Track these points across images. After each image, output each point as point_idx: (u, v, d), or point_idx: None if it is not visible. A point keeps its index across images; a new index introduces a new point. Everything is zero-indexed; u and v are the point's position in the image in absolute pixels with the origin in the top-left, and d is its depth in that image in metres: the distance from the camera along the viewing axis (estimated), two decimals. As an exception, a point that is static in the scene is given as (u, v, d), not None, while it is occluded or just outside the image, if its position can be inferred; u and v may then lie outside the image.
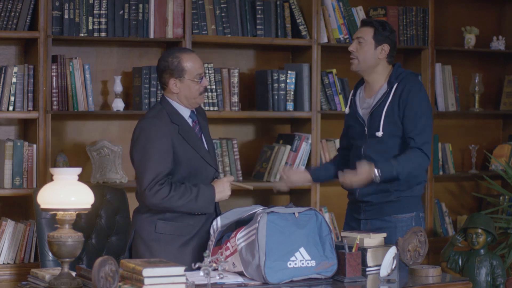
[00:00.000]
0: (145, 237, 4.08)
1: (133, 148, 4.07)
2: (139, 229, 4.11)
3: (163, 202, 3.97)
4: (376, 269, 3.90)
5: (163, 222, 4.06)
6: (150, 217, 4.08)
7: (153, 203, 3.98)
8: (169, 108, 4.12)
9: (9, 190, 5.03)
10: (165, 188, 3.96)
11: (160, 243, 4.05)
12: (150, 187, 3.95)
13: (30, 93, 5.07)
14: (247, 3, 5.57)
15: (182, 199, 3.99)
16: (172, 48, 4.22)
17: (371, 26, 4.36)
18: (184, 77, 4.08)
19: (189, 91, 4.10)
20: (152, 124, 4.04)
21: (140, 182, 3.99)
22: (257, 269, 3.66)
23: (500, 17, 6.63)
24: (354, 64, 4.36)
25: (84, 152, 5.34)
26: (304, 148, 5.64)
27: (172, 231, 4.06)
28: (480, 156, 6.51)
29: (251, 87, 5.80)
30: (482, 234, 5.04)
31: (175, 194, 3.97)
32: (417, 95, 4.28)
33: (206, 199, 4.05)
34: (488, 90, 6.52)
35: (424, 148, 4.22)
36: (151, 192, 3.95)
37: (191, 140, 4.10)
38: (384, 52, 4.34)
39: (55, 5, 5.09)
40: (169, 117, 4.08)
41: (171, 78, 4.09)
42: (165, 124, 4.04)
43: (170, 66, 4.08)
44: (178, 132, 4.07)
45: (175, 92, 4.11)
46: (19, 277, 4.90)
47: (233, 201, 5.63)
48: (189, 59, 4.10)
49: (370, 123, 4.31)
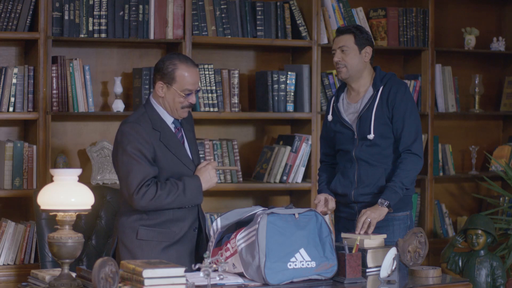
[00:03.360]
0: (127, 244, 4.04)
1: (116, 152, 4.02)
2: (122, 236, 4.07)
3: (152, 203, 3.93)
4: (376, 270, 3.90)
5: (145, 228, 4.02)
6: (132, 223, 4.04)
7: (142, 205, 3.94)
8: (152, 112, 4.06)
9: (9, 191, 5.03)
10: (151, 188, 3.93)
11: (143, 249, 4.02)
12: (137, 190, 3.92)
13: (30, 94, 5.07)
14: (247, 4, 5.57)
15: (170, 196, 3.96)
16: (177, 53, 4.16)
17: (350, 33, 4.39)
18: (172, 86, 4.03)
19: (172, 101, 4.05)
20: (133, 129, 3.98)
21: (128, 186, 3.94)
22: (257, 270, 3.66)
23: (500, 18, 6.63)
24: (343, 72, 4.39)
25: (84, 153, 5.34)
26: (304, 149, 5.64)
27: (154, 237, 4.03)
28: (480, 157, 6.51)
29: (251, 88, 5.80)
30: (482, 235, 5.04)
31: (162, 192, 3.94)
32: (404, 95, 4.36)
33: (193, 191, 4.01)
34: (488, 91, 6.52)
35: (414, 148, 4.32)
36: (139, 195, 3.92)
37: (172, 147, 4.05)
38: (368, 54, 4.39)
39: (55, 6, 5.09)
40: (151, 122, 4.03)
41: (160, 81, 4.05)
42: (145, 131, 3.99)
43: (164, 70, 4.03)
44: (159, 139, 4.02)
45: (160, 96, 4.06)
46: (19, 278, 4.90)
47: (233, 202, 5.66)
48: (186, 71, 4.02)
49: (359, 127, 4.36)
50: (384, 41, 5.92)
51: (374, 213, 4.15)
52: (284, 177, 5.62)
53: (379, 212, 4.18)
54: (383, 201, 4.20)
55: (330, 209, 4.40)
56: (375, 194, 4.32)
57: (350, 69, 4.37)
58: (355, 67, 4.37)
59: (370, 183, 4.35)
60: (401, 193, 4.25)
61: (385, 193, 4.24)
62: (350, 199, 4.39)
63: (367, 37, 4.40)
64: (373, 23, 5.97)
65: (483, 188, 6.42)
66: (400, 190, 4.24)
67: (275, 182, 5.61)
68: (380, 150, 4.35)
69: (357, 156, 4.36)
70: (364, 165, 4.36)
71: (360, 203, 4.36)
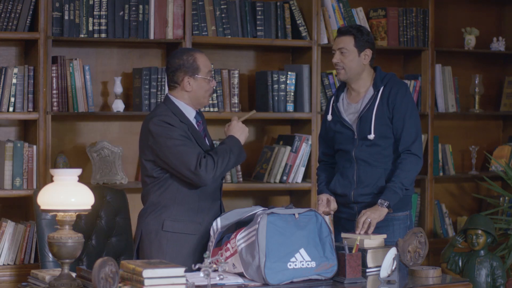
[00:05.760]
0: (152, 237, 4.08)
1: (160, 144, 4.03)
2: (146, 230, 4.10)
3: (217, 170, 4.02)
4: (376, 270, 3.90)
5: (170, 220, 4.07)
6: (157, 217, 4.08)
7: (209, 177, 4.02)
8: (174, 108, 4.12)
9: (9, 191, 5.03)
10: (209, 159, 4.02)
11: (169, 241, 4.06)
12: (199, 165, 3.99)
13: (30, 94, 5.07)
14: (247, 4, 5.57)
15: (226, 158, 4.06)
16: (182, 48, 4.23)
17: (350, 35, 4.37)
18: (198, 75, 4.11)
19: (201, 90, 4.14)
20: (165, 119, 4.06)
21: (188, 165, 3.99)
22: (257, 270, 3.66)
23: (500, 18, 6.63)
24: (341, 74, 4.39)
25: (84, 153, 5.34)
26: (304, 149, 5.64)
27: (179, 229, 4.07)
28: (480, 157, 6.51)
29: (251, 88, 5.80)
30: (482, 235, 5.04)
31: (218, 158, 4.04)
32: (404, 96, 4.36)
33: (237, 147, 4.13)
34: (488, 91, 6.52)
35: (413, 148, 4.32)
36: (202, 168, 3.99)
37: (198, 139, 4.12)
38: (368, 57, 4.38)
39: (55, 6, 5.09)
40: (176, 116, 4.10)
41: (185, 76, 4.11)
42: (176, 123, 4.07)
43: (186, 64, 4.11)
44: (187, 130, 4.09)
45: (188, 91, 4.13)
46: (19, 278, 4.90)
47: (233, 202, 5.65)
48: (202, 57, 4.15)
49: (359, 127, 4.36)
50: (384, 41, 5.92)
51: (374, 214, 4.15)
52: (284, 177, 5.62)
53: (379, 212, 4.18)
54: (383, 202, 4.20)
55: (332, 210, 4.40)
56: (374, 194, 4.32)
57: (348, 71, 4.37)
58: (353, 70, 4.37)
59: (369, 184, 4.35)
60: (401, 194, 4.25)
61: (385, 194, 4.24)
62: (349, 200, 4.39)
63: (367, 39, 4.38)
64: (373, 23, 5.98)
65: (483, 188, 6.42)
66: (400, 191, 4.24)
67: (275, 182, 5.61)
68: (380, 150, 4.35)
69: (357, 156, 4.36)
70: (363, 165, 4.36)
71: (359, 204, 4.36)
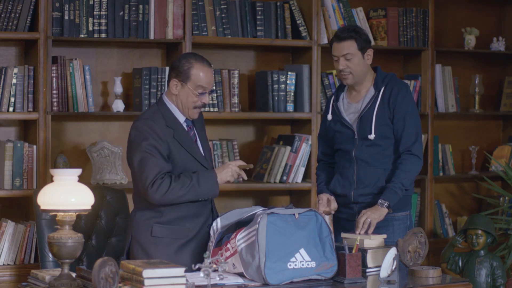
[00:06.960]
0: (141, 241, 4.07)
1: (131, 148, 4.05)
2: (136, 233, 4.09)
3: (167, 195, 3.94)
4: (376, 270, 3.90)
5: (159, 225, 4.04)
6: (147, 221, 4.06)
7: (157, 198, 3.95)
8: (165, 110, 4.10)
9: (9, 191, 5.03)
10: (165, 181, 3.94)
11: (157, 246, 4.04)
12: (152, 184, 3.93)
13: (30, 94, 5.07)
14: (247, 4, 5.57)
15: (184, 188, 3.97)
16: (193, 53, 4.16)
17: (351, 39, 4.32)
18: (186, 84, 4.07)
19: (185, 99, 4.09)
20: (147, 125, 4.02)
21: (143, 180, 3.96)
22: (257, 270, 3.66)
23: (500, 18, 6.63)
24: (349, 79, 4.36)
25: (84, 153, 5.34)
26: (304, 149, 5.64)
27: (169, 234, 4.05)
28: (480, 157, 6.51)
29: (251, 88, 5.80)
30: (482, 235, 5.04)
31: (176, 184, 3.95)
32: (405, 96, 4.36)
33: (208, 182, 4.02)
34: (488, 91, 6.52)
35: (414, 149, 4.32)
36: (154, 189, 3.93)
37: (186, 144, 4.08)
38: (370, 56, 4.39)
39: (55, 6, 5.09)
40: (164, 120, 4.07)
41: (175, 79, 4.09)
42: (159, 128, 4.03)
43: (179, 67, 4.08)
44: (173, 136, 4.05)
45: (174, 94, 4.10)
46: (19, 278, 4.90)
47: (233, 202, 5.65)
48: (201, 70, 4.06)
49: (360, 127, 4.36)
50: (384, 41, 5.92)
51: (374, 214, 4.15)
52: (284, 177, 5.62)
53: (379, 212, 4.18)
54: (383, 202, 4.20)
55: (332, 209, 4.40)
56: (374, 194, 4.32)
57: (356, 75, 4.35)
58: (361, 72, 4.35)
59: (369, 184, 4.35)
60: (400, 194, 4.25)
61: (385, 194, 4.24)
62: (349, 200, 4.39)
63: (366, 38, 4.37)
64: (373, 23, 5.98)
65: (483, 188, 6.42)
66: (400, 191, 4.25)
67: (275, 182, 5.61)
68: (380, 151, 4.35)
69: (357, 156, 4.36)
70: (363, 165, 4.36)
71: (359, 204, 4.36)
